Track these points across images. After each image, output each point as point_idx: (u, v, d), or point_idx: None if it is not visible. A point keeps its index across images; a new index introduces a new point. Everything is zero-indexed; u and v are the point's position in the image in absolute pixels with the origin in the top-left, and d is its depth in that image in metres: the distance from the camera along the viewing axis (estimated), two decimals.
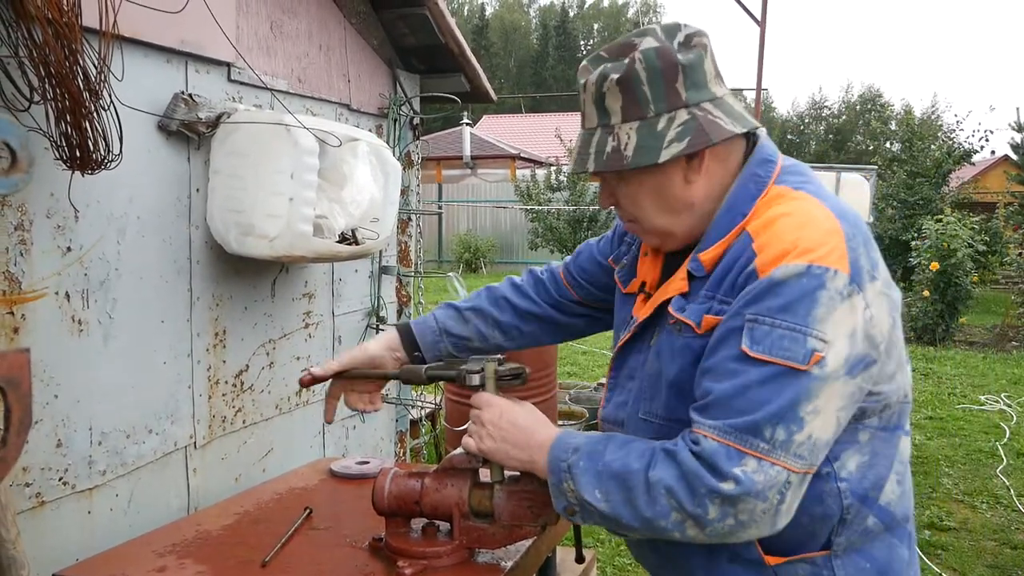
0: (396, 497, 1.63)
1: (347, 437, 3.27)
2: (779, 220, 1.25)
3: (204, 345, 2.44)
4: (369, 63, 3.28)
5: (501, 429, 1.44)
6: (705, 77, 1.30)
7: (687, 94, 1.29)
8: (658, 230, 1.39)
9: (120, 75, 1.90)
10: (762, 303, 1.19)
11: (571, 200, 15.86)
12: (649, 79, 1.28)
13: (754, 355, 1.17)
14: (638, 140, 1.29)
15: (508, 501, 1.54)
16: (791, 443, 1.15)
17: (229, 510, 2.07)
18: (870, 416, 1.28)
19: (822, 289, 1.16)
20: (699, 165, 1.32)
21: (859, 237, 1.23)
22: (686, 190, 1.34)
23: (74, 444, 2.02)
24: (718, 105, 1.31)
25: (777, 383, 1.16)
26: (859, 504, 1.28)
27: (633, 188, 1.36)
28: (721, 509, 1.16)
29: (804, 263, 1.17)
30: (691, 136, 1.27)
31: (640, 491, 1.21)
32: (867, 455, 1.29)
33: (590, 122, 1.36)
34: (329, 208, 2.44)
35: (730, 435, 1.16)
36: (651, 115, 1.29)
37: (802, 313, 1.16)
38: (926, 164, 15.35)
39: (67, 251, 1.98)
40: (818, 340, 1.15)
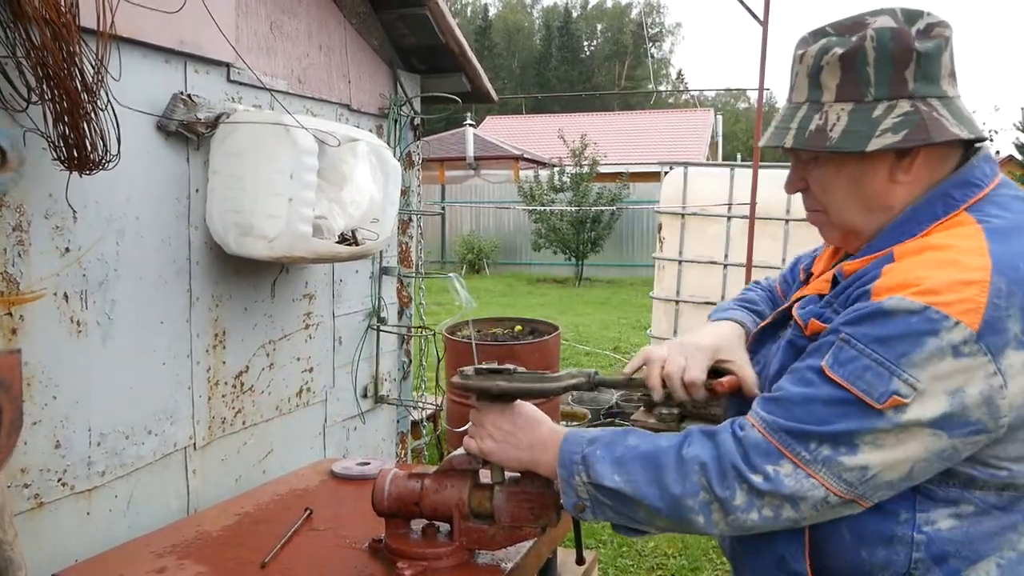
0: (396, 498, 1.63)
1: (348, 438, 3.27)
2: (928, 251, 1.14)
3: (204, 346, 2.43)
4: (369, 63, 3.28)
5: (502, 430, 1.43)
6: (939, 71, 1.18)
7: (915, 85, 1.16)
8: (846, 226, 1.28)
9: (118, 75, 1.90)
10: (860, 327, 1.11)
11: (574, 201, 15.84)
12: (877, 60, 1.16)
13: (831, 375, 1.11)
14: (848, 123, 1.18)
15: (508, 502, 1.53)
16: (835, 463, 1.09)
17: (229, 511, 2.07)
18: (983, 488, 1.15)
19: (932, 336, 1.05)
20: (910, 164, 1.20)
21: (1015, 298, 1.07)
22: (888, 189, 1.22)
23: (73, 445, 2.02)
24: (946, 104, 1.18)
25: (843, 410, 1.09)
26: (932, 564, 1.15)
27: (829, 174, 1.25)
28: (748, 498, 1.13)
29: (922, 303, 1.06)
30: (909, 130, 1.15)
31: (671, 468, 1.18)
32: (966, 523, 1.16)
33: (799, 96, 1.24)
34: (329, 208, 2.43)
35: (776, 434, 1.13)
36: (869, 99, 1.17)
37: (898, 351, 1.07)
38: None
39: (65, 252, 1.97)
40: (905, 384, 1.06)
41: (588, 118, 27.79)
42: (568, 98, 38.25)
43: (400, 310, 3.63)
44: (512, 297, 14.38)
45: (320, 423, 3.07)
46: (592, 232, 16.13)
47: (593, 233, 16.15)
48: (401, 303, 3.64)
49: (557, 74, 53.57)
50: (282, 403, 2.82)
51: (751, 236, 5.16)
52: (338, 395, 3.17)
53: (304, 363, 2.94)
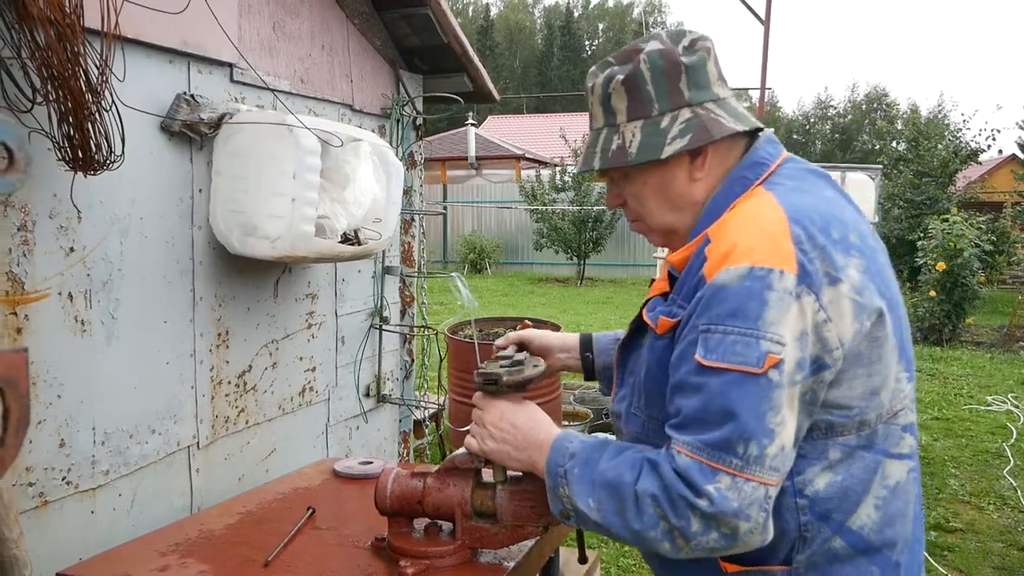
0: (398, 497, 1.64)
1: (350, 437, 3.28)
2: (729, 222, 1.26)
3: (207, 345, 2.44)
4: (372, 63, 3.28)
5: (502, 430, 1.44)
6: (708, 78, 1.33)
7: (690, 93, 1.31)
8: (662, 227, 1.41)
9: (122, 76, 1.91)
10: (711, 311, 1.18)
11: (576, 200, 15.85)
12: (653, 79, 1.31)
13: (708, 363, 1.16)
14: (642, 137, 1.32)
15: (510, 501, 1.54)
16: (764, 457, 1.13)
17: (232, 510, 2.08)
18: (842, 433, 1.23)
19: (769, 290, 1.14)
20: (703, 162, 1.34)
21: (815, 240, 1.18)
22: (690, 187, 1.35)
23: (77, 444, 2.03)
24: (721, 105, 1.33)
25: (737, 390, 1.14)
26: (819, 523, 1.23)
27: (637, 186, 1.38)
28: (703, 524, 1.15)
29: (746, 265, 1.16)
30: (693, 133, 1.30)
31: (630, 503, 1.21)
32: (840, 475, 1.23)
33: (597, 122, 1.40)
34: (331, 208, 2.44)
35: (702, 451, 1.15)
36: (655, 113, 1.32)
37: (752, 316, 1.14)
38: (932, 163, 15.30)
39: (70, 252, 1.98)
40: (773, 343, 1.13)
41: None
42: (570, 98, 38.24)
43: (402, 310, 3.64)
44: (514, 296, 14.39)
45: (323, 422, 3.07)
46: (594, 232, 16.14)
47: (595, 233, 16.16)
48: (403, 303, 3.64)
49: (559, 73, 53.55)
50: (285, 402, 2.83)
51: None
52: (341, 394, 3.18)
53: (307, 362, 2.95)
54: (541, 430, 1.41)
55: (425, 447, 4.39)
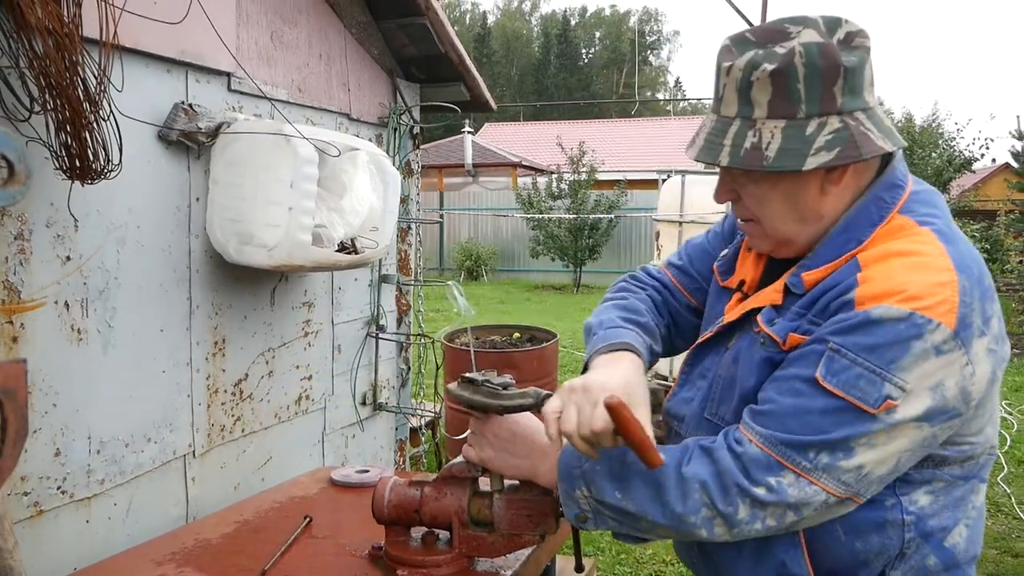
0: (396, 506, 1.63)
1: (346, 446, 3.27)
2: (894, 258, 1.19)
3: (203, 354, 2.44)
4: (369, 72, 3.29)
5: (500, 438, 1.43)
6: (863, 83, 1.22)
7: (843, 100, 1.20)
8: (779, 236, 1.32)
9: (120, 85, 1.91)
10: (850, 336, 1.14)
11: (572, 208, 15.87)
12: (807, 77, 1.18)
13: (825, 385, 1.14)
14: (783, 142, 1.20)
15: (507, 510, 1.53)
16: (835, 468, 1.14)
17: (228, 519, 2.07)
18: (952, 465, 1.24)
19: (917, 340, 1.11)
20: (839, 177, 1.25)
21: (976, 291, 1.16)
22: (820, 201, 1.27)
23: (73, 453, 2.02)
24: (870, 116, 1.22)
25: (839, 417, 1.13)
26: (921, 540, 1.24)
27: (764, 189, 1.28)
28: (752, 511, 1.16)
29: (907, 309, 1.12)
30: (841, 147, 1.19)
31: (671, 486, 1.20)
32: (942, 498, 1.25)
33: (728, 109, 1.25)
34: (328, 217, 2.44)
35: (775, 447, 1.15)
36: (801, 116, 1.20)
37: (888, 358, 1.12)
38: (927, 172, 15.35)
39: (67, 260, 1.98)
40: (895, 388, 1.12)
41: (586, 125, 27.86)
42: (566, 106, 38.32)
43: (399, 318, 3.64)
44: (510, 304, 14.39)
45: (319, 431, 3.07)
46: (590, 239, 16.15)
47: (591, 240, 16.17)
48: (400, 311, 3.64)
49: (555, 81, 53.68)
50: (281, 411, 2.83)
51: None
52: (337, 403, 3.18)
53: (303, 371, 2.95)
54: (541, 437, 1.39)
55: (421, 455, 4.38)
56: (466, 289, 4.05)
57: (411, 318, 3.77)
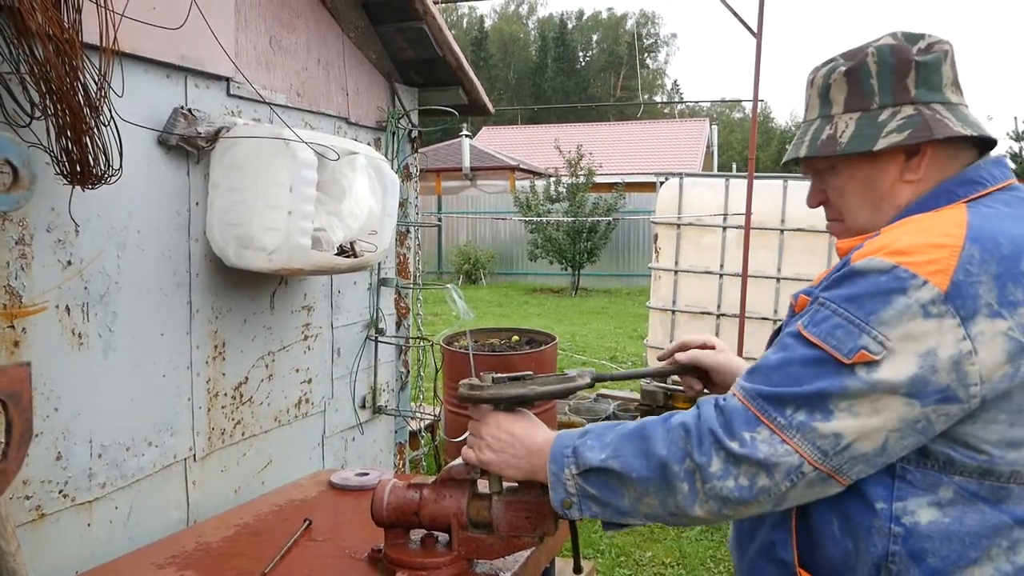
0: (395, 508, 1.64)
1: (346, 449, 3.28)
2: (906, 223, 1.19)
3: (203, 357, 2.45)
4: (367, 77, 3.30)
5: (499, 440, 1.44)
6: (941, 80, 1.25)
7: (916, 91, 1.24)
8: (858, 227, 1.31)
9: (120, 91, 1.92)
10: (834, 289, 1.16)
11: (570, 211, 15.88)
12: (879, 72, 1.25)
13: (806, 334, 1.15)
14: (856, 129, 1.26)
15: (506, 512, 1.54)
16: (809, 428, 1.11)
17: (228, 522, 2.08)
18: (961, 472, 1.14)
19: (900, 294, 1.09)
20: (919, 163, 1.25)
21: (990, 267, 1.09)
22: (898, 188, 1.27)
23: (74, 457, 2.03)
24: (951, 110, 1.24)
25: (816, 369, 1.12)
26: (909, 560, 1.14)
27: (843, 180, 1.31)
28: (724, 465, 1.15)
29: (891, 262, 1.11)
30: (913, 129, 1.22)
31: (658, 434, 1.21)
32: (948, 518, 1.14)
33: (811, 112, 1.34)
34: (328, 221, 2.45)
35: (754, 400, 1.16)
36: (875, 106, 1.26)
37: (868, 308, 1.10)
38: None
39: (67, 265, 1.99)
40: (875, 341, 1.09)
41: (584, 128, 27.88)
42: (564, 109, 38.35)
43: (398, 321, 3.65)
44: (509, 307, 14.39)
45: (319, 434, 3.08)
46: (588, 242, 16.16)
47: (589, 243, 16.18)
48: (399, 314, 3.65)
49: (553, 85, 53.70)
50: (281, 414, 2.84)
51: (746, 246, 5.18)
52: (336, 406, 3.19)
53: (303, 374, 2.95)
54: (539, 435, 1.41)
55: (421, 458, 4.39)
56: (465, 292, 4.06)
57: (410, 321, 3.78)
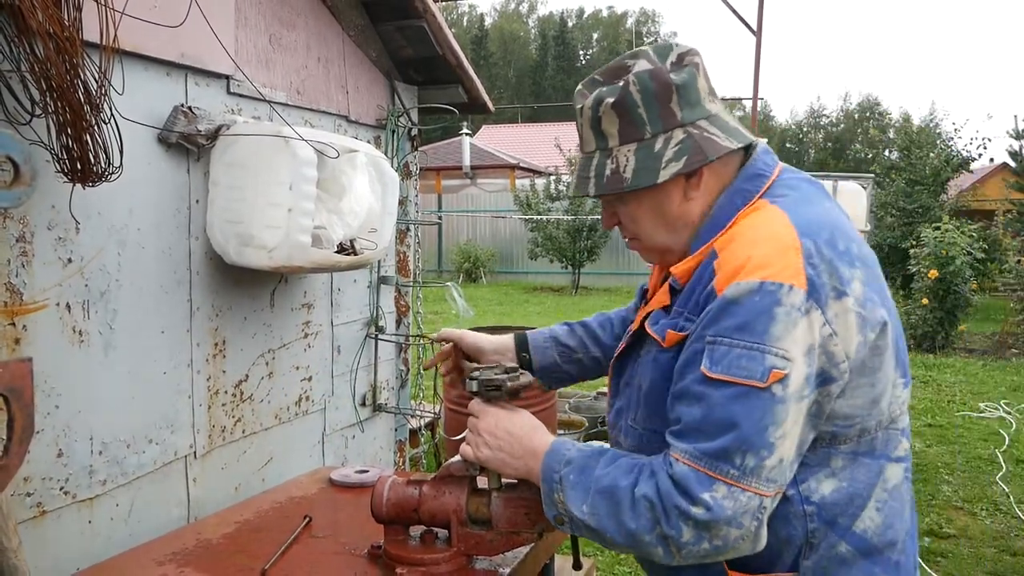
0: (395, 505, 1.65)
1: (346, 446, 3.29)
2: (739, 236, 1.27)
3: (204, 355, 2.45)
4: (367, 75, 3.31)
5: (497, 438, 1.45)
6: (699, 95, 1.32)
7: (682, 113, 1.31)
8: (658, 247, 1.42)
9: (121, 88, 1.92)
10: (719, 323, 1.19)
11: (570, 210, 15.88)
12: (644, 101, 1.30)
13: (713, 376, 1.18)
14: (636, 162, 1.31)
15: (505, 508, 1.55)
16: (762, 468, 1.15)
17: (229, 519, 2.09)
18: (843, 441, 1.26)
19: (778, 305, 1.16)
20: (697, 182, 1.34)
21: (823, 254, 1.21)
22: (685, 207, 1.36)
23: (75, 454, 2.04)
24: (713, 122, 1.32)
25: (740, 404, 1.16)
26: (826, 529, 1.26)
27: (632, 208, 1.39)
28: (695, 532, 1.17)
29: (756, 280, 1.18)
30: (688, 155, 1.29)
31: (626, 505, 1.23)
32: (844, 481, 1.26)
33: (588, 146, 1.39)
34: (328, 219, 2.46)
35: (700, 460, 1.17)
36: (648, 136, 1.31)
37: (759, 331, 1.16)
38: (924, 172, 15.38)
39: (68, 262, 2.00)
40: (778, 358, 1.15)
41: None
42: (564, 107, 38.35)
43: (398, 319, 3.66)
44: (509, 306, 14.40)
45: (319, 432, 3.08)
46: (588, 240, 16.17)
47: (589, 241, 16.18)
48: (399, 312, 3.66)
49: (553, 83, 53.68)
50: (281, 412, 2.84)
51: None
52: (337, 404, 3.19)
53: (303, 372, 2.96)
54: (536, 437, 1.42)
55: (421, 456, 4.40)
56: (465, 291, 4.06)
57: (410, 319, 3.78)
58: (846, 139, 53.29)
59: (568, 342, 1.86)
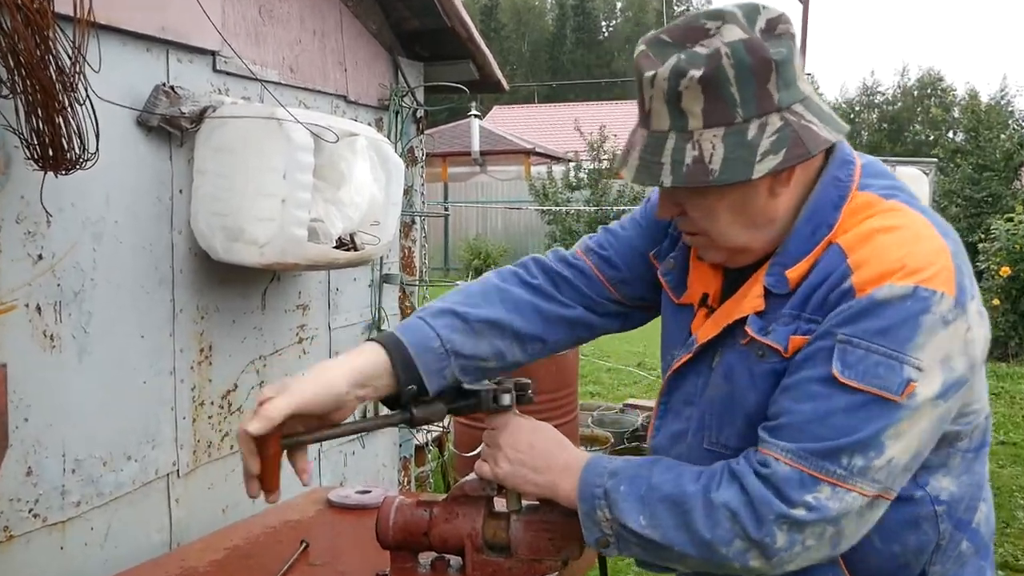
0: (402, 528, 1.65)
1: (345, 464, 3.30)
2: (878, 235, 1.24)
3: (188, 362, 2.47)
4: (367, 50, 3.32)
5: (518, 452, 1.45)
6: (795, 74, 1.26)
7: (779, 95, 1.24)
8: (733, 246, 1.35)
9: (96, 66, 1.94)
10: (859, 324, 1.19)
11: (592, 200, 15.87)
12: (738, 78, 1.22)
13: (844, 380, 1.18)
14: (726, 151, 1.23)
15: (526, 532, 1.55)
16: (869, 469, 1.18)
17: (216, 544, 2.10)
18: (963, 439, 1.32)
19: (926, 314, 1.17)
20: (788, 176, 1.29)
21: (961, 254, 1.26)
22: (771, 203, 1.31)
23: (45, 472, 2.05)
24: (808, 106, 1.27)
25: (865, 412, 1.18)
26: (953, 529, 1.31)
27: (712, 202, 1.31)
28: (789, 536, 1.19)
29: (911, 284, 1.18)
30: (787, 148, 1.23)
31: (699, 513, 1.23)
32: (964, 475, 1.32)
33: (659, 123, 1.28)
34: (325, 210, 2.47)
35: (805, 460, 1.19)
36: (739, 120, 1.23)
37: (902, 338, 1.18)
38: (995, 156, 15.27)
39: (38, 259, 2.01)
40: (916, 369, 1.17)
41: (607, 107, 27.85)
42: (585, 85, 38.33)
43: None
44: None
45: (315, 447, 3.10)
46: None
47: None
48: (404, 314, 3.67)
49: (572, 58, 53.59)
50: None
51: None
52: None
53: None
54: (563, 451, 1.42)
55: (427, 475, 4.41)
56: None
57: None
58: (904, 119, 52.95)
59: (474, 351, 1.49)
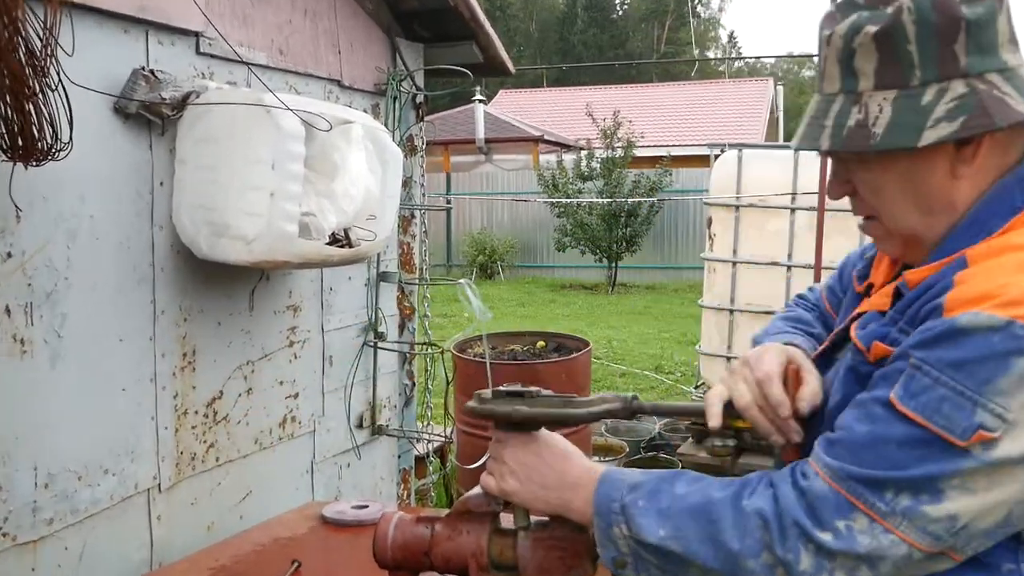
0: (402, 547, 1.64)
1: (340, 477, 3.29)
2: (1010, 252, 1.15)
3: (170, 368, 2.46)
4: (363, 31, 3.31)
5: (526, 466, 1.44)
6: (996, 39, 1.18)
7: (968, 60, 1.16)
8: (904, 232, 1.29)
9: (70, 48, 1.93)
10: (934, 350, 1.11)
11: (605, 191, 15.86)
12: (919, 36, 1.16)
13: (902, 408, 1.12)
14: (893, 115, 1.18)
15: (535, 551, 1.54)
16: (917, 514, 1.10)
17: (201, 564, 2.09)
18: None
19: (1019, 356, 1.06)
20: (973, 155, 1.21)
21: None
22: (950, 186, 1.23)
23: (15, 487, 2.05)
24: (1009, 78, 1.18)
25: (921, 451, 1.10)
26: None
27: (877, 175, 1.26)
28: (815, 560, 1.14)
29: (1005, 317, 1.07)
30: (967, 116, 1.15)
31: (727, 521, 1.20)
32: None
33: (830, 85, 1.25)
34: (318, 204, 2.46)
35: (845, 483, 1.14)
36: (915, 83, 1.18)
37: (981, 378, 1.07)
38: None
39: (7, 257, 2.01)
40: (992, 416, 1.07)
41: (621, 91, 27.86)
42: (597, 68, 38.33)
43: (401, 324, 3.66)
44: (532, 307, 14.41)
45: (307, 459, 3.09)
46: (628, 228, 16.15)
47: (629, 230, 16.16)
48: (402, 315, 3.66)
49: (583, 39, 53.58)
50: (262, 435, 2.85)
51: (820, 232, 5.15)
52: (328, 425, 3.20)
53: (288, 388, 2.97)
54: (575, 464, 1.41)
55: (429, 488, 4.40)
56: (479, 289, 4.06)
57: (415, 324, 3.79)
58: None
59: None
